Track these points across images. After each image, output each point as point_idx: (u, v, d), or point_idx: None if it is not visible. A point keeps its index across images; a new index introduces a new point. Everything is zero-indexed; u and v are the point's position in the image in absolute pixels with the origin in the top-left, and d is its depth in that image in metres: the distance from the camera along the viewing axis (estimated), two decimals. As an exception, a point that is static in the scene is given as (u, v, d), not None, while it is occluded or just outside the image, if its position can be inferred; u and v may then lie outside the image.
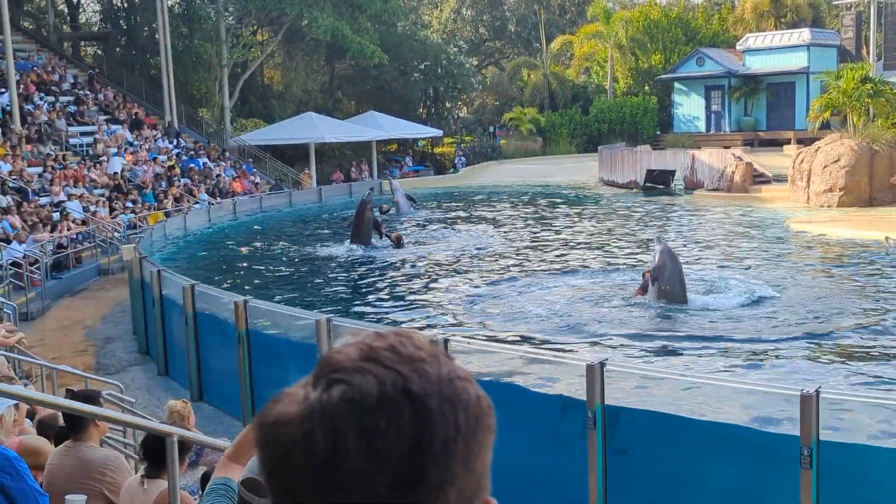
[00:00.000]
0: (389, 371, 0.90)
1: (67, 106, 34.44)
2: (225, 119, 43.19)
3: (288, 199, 34.44)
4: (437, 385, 0.90)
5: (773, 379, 10.13)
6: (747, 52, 47.67)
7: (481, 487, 0.93)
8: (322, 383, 0.91)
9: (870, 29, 47.33)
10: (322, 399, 0.89)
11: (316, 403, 0.89)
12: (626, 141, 46.78)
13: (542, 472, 7.48)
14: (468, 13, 64.62)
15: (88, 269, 22.38)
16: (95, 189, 27.99)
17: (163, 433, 4.46)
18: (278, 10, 43.28)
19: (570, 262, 19.91)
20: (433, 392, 0.90)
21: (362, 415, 0.88)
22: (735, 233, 24.11)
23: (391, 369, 0.90)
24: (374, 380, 0.89)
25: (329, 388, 0.90)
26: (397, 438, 0.87)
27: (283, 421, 0.90)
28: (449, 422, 0.89)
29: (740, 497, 6.64)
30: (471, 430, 0.91)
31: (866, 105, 29.49)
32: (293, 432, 0.89)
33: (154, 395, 12.11)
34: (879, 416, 7.30)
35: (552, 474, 7.48)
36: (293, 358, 10.27)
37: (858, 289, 15.72)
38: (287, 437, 0.89)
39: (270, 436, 0.91)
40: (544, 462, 7.48)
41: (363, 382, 0.89)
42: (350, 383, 0.89)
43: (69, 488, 4.82)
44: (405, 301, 16.45)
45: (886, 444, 7.01)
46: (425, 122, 51.37)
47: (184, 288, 12.18)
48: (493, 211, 31.60)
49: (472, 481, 0.91)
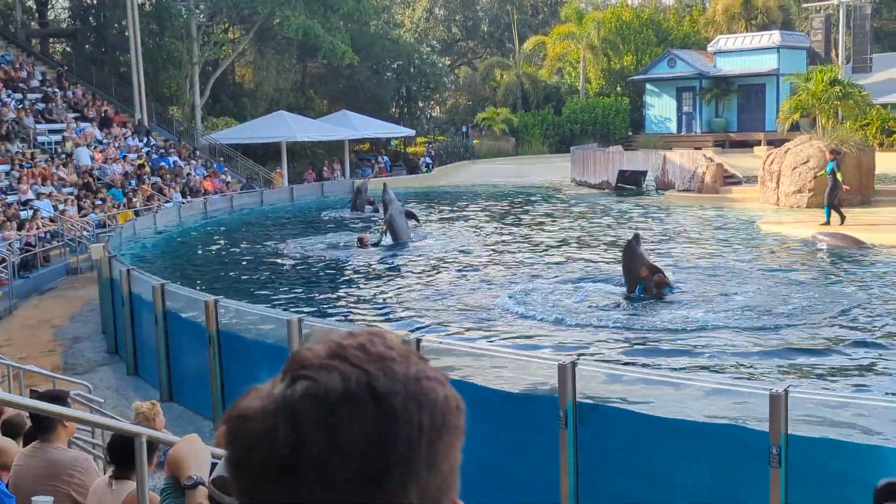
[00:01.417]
0: (355, 368, 0.90)
1: (36, 103, 34.06)
2: (196, 117, 42.91)
3: (259, 198, 34.29)
4: (402, 384, 0.90)
5: (743, 377, 10.22)
6: (718, 54, 48.03)
7: (448, 488, 0.92)
8: (287, 379, 0.91)
9: (839, 32, 47.83)
10: (286, 394, 0.89)
11: (279, 398, 0.89)
12: (599, 141, 46.98)
13: (513, 473, 7.49)
14: (441, 13, 64.64)
15: (57, 268, 22.16)
16: (64, 187, 27.71)
17: (131, 433, 4.41)
18: (250, 9, 43.07)
19: (543, 261, 19.95)
20: (398, 390, 0.89)
21: (325, 410, 0.87)
22: (704, 233, 24.27)
23: (357, 367, 0.90)
24: (338, 376, 0.89)
25: (293, 384, 0.90)
26: (360, 435, 0.87)
27: (247, 415, 0.90)
28: (413, 420, 0.89)
29: (713, 494, 6.68)
30: (436, 430, 0.90)
31: (835, 107, 29.76)
32: (256, 427, 0.89)
33: (123, 396, 12.00)
34: (848, 412, 7.38)
35: (523, 474, 7.49)
36: (264, 358, 10.21)
37: (826, 288, 15.86)
38: (250, 432, 0.89)
39: (235, 430, 0.91)
40: (515, 462, 7.48)
41: (328, 379, 0.89)
42: (314, 379, 0.89)
43: (36, 490, 4.76)
44: (378, 301, 16.42)
45: (856, 439, 7.08)
46: (398, 122, 51.32)
47: (153, 287, 12.09)
48: (465, 210, 31.62)
49: (436, 481, 0.90)
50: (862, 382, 10.72)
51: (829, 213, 23.32)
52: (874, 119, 37.91)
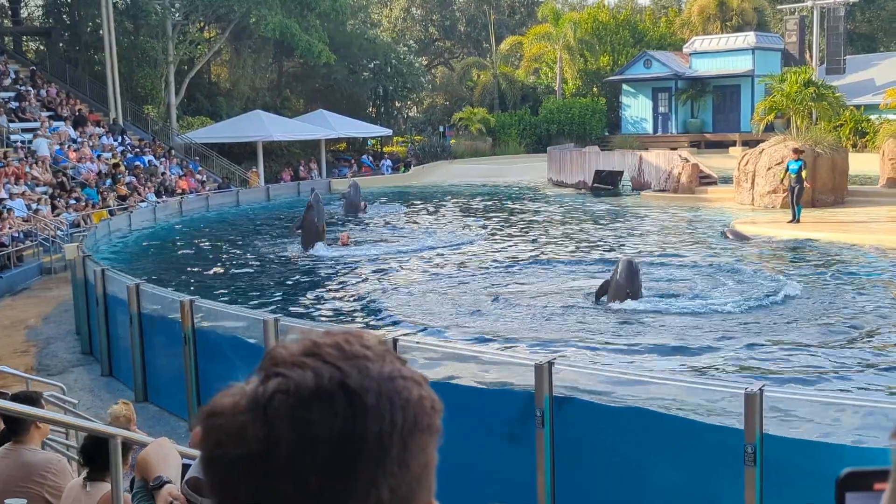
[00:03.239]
0: (328, 366, 0.90)
1: (8, 102, 33.73)
2: (171, 116, 42.67)
3: (235, 197, 34.13)
4: (376, 382, 0.91)
5: (721, 376, 10.28)
6: (694, 55, 48.31)
7: (421, 488, 0.92)
8: (261, 376, 0.91)
9: (813, 34, 48.28)
10: (258, 391, 0.90)
11: (251, 394, 0.90)
12: (575, 142, 47.12)
13: (490, 472, 7.49)
14: (418, 13, 64.62)
15: (30, 268, 21.96)
16: (38, 187, 27.47)
17: (106, 435, 4.38)
18: (226, 7, 42.87)
19: (520, 260, 19.98)
20: (371, 388, 0.90)
21: (296, 406, 0.88)
22: (679, 232, 24.40)
23: (330, 364, 0.90)
24: (311, 374, 0.89)
25: (266, 381, 0.90)
26: (330, 432, 0.87)
27: (219, 411, 0.91)
28: (385, 418, 0.89)
29: (689, 491, 6.71)
30: (408, 429, 0.90)
31: (809, 108, 30.03)
32: (228, 423, 0.89)
33: (97, 396, 11.91)
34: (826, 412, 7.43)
35: (500, 473, 7.50)
36: (240, 358, 10.16)
37: (802, 287, 15.98)
38: (222, 428, 0.90)
39: (208, 427, 0.91)
40: (492, 461, 7.49)
41: (300, 376, 0.89)
42: (287, 376, 0.90)
43: (9, 492, 4.72)
44: (355, 301, 16.39)
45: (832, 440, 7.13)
46: (375, 122, 51.24)
47: (128, 287, 12.01)
48: (442, 210, 31.62)
49: (407, 481, 0.91)
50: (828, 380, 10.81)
51: (800, 211, 23.51)
52: (847, 120, 38.26)
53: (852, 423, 7.08)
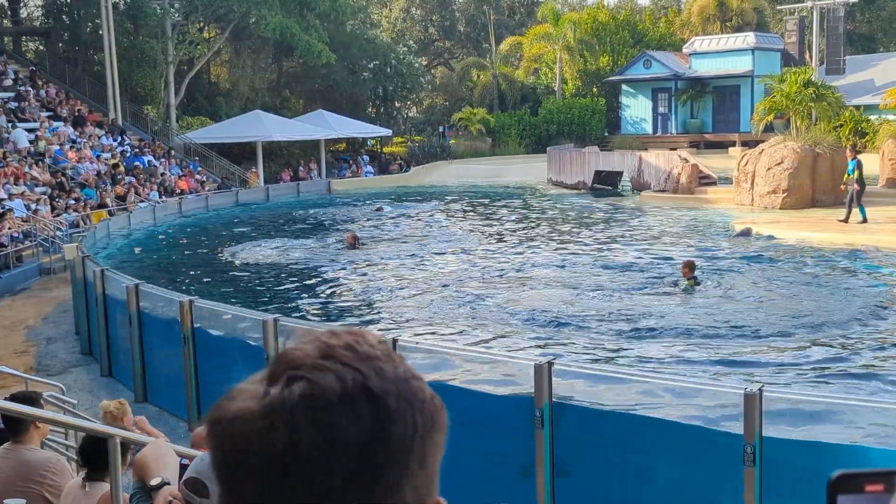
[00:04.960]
0: (348, 368, 0.90)
1: (8, 102, 33.72)
2: (170, 117, 42.65)
3: (235, 198, 34.11)
4: (394, 384, 0.91)
5: (721, 377, 10.28)
6: (693, 55, 48.30)
7: (433, 485, 0.94)
8: (282, 380, 0.90)
9: (812, 34, 48.27)
10: (283, 395, 0.89)
11: (276, 399, 0.89)
12: (575, 142, 47.11)
13: (491, 473, 7.49)
14: (418, 13, 64.61)
15: (30, 269, 21.95)
16: (37, 187, 27.46)
17: (105, 434, 4.37)
18: (225, 7, 42.85)
19: (520, 261, 19.98)
20: (391, 391, 0.90)
21: (323, 411, 0.87)
22: (679, 233, 24.39)
23: (350, 367, 0.90)
24: (334, 377, 0.89)
25: (290, 385, 0.89)
26: (356, 436, 0.87)
27: (243, 417, 0.89)
28: (407, 420, 0.90)
29: (688, 493, 6.71)
30: (427, 430, 0.92)
31: (809, 109, 30.03)
32: (251, 428, 0.88)
33: (97, 397, 11.89)
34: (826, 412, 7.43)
35: (500, 474, 7.49)
36: (240, 358, 10.16)
37: (799, 287, 15.99)
38: (245, 433, 0.88)
39: (228, 432, 0.90)
40: (493, 462, 7.49)
41: (324, 379, 0.89)
42: (311, 380, 0.89)
43: (8, 492, 4.72)
44: (355, 301, 16.38)
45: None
46: (375, 122, 51.23)
47: (128, 287, 12.00)
48: (442, 211, 31.61)
49: (426, 480, 0.92)
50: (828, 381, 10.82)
51: (864, 211, 22.72)
52: (847, 120, 38.21)
53: (852, 423, 7.08)
